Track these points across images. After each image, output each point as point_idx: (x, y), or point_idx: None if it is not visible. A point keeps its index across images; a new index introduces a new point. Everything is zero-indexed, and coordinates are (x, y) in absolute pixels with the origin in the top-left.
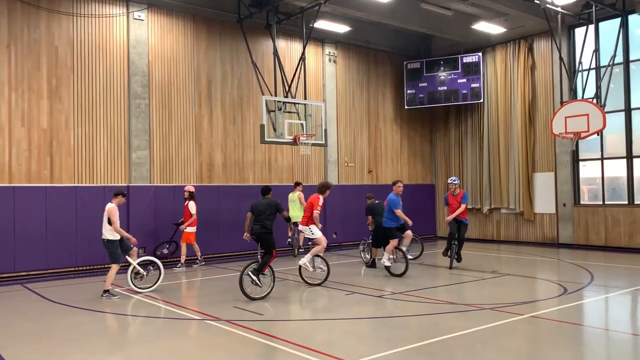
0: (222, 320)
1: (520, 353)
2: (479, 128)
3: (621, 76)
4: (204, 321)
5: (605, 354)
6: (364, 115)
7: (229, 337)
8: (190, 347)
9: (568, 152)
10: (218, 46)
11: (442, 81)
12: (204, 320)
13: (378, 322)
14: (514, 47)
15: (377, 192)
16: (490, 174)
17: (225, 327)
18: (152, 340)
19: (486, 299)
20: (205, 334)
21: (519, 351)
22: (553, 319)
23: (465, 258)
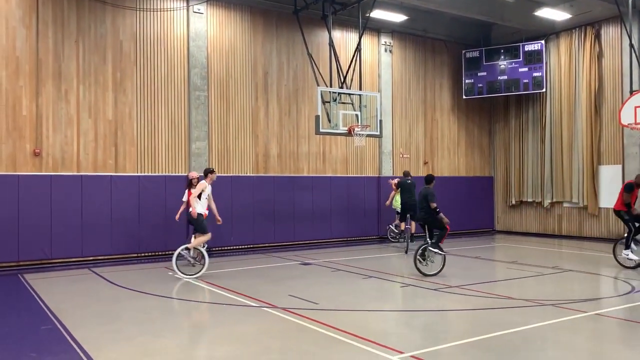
0: (278, 307)
1: (583, 351)
2: (541, 119)
3: None
4: (261, 308)
5: None
6: (420, 105)
7: (286, 324)
8: (249, 332)
9: (637, 143)
10: (274, 38)
11: (502, 70)
12: (262, 307)
13: (434, 315)
14: (579, 34)
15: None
16: (552, 167)
17: (281, 314)
18: (214, 325)
19: (547, 294)
20: (263, 320)
21: (582, 349)
22: (619, 317)
23: (525, 253)
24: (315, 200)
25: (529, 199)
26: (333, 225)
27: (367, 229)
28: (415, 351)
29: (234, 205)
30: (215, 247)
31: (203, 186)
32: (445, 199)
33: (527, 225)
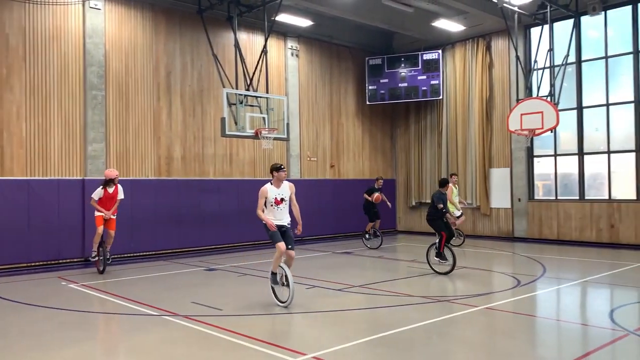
0: (180, 315)
1: (476, 343)
2: (438, 124)
3: (574, 75)
4: (162, 317)
5: (556, 344)
6: (327, 109)
7: (188, 332)
8: (149, 342)
9: (523, 148)
10: (178, 37)
11: (403, 78)
12: (162, 316)
13: (338, 315)
14: (472, 45)
15: (339, 187)
16: (449, 170)
17: (184, 322)
18: (111, 337)
19: (443, 291)
20: (164, 329)
21: (475, 342)
22: (506, 310)
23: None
24: (222, 204)
25: (428, 200)
26: (241, 229)
27: None
28: (318, 352)
29: (134, 209)
30: (114, 255)
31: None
32: (351, 200)
33: (427, 226)
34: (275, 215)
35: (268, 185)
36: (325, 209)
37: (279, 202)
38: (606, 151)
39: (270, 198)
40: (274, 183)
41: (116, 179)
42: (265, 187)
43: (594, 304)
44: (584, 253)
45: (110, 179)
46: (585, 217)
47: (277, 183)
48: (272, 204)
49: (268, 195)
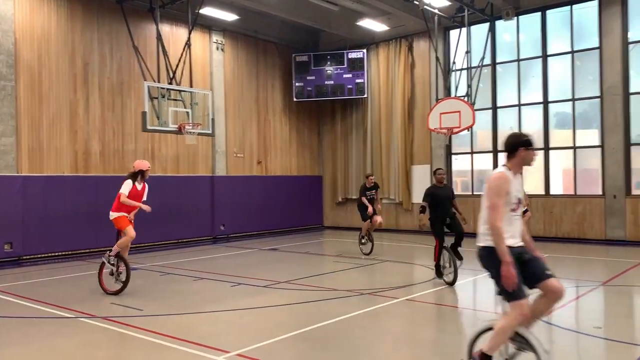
0: (98, 317)
1: (397, 334)
2: (363, 122)
3: (489, 77)
4: (79, 319)
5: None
6: (254, 105)
7: (107, 334)
8: (65, 346)
9: (442, 146)
10: (96, 27)
11: (329, 75)
12: (79, 318)
13: (263, 311)
14: (395, 46)
15: (267, 184)
16: (373, 166)
17: (102, 324)
18: (24, 342)
19: (367, 284)
20: (81, 332)
21: (395, 332)
22: (426, 301)
23: (351, 246)
24: (144, 201)
25: (353, 196)
26: (164, 227)
27: (201, 229)
28: (242, 349)
29: (48, 208)
30: (26, 256)
31: None
32: (278, 197)
33: (352, 221)
34: (513, 231)
35: (506, 171)
36: (252, 205)
37: (517, 207)
38: None
39: (512, 196)
40: (513, 168)
41: (147, 173)
42: (504, 174)
43: None
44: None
45: (142, 172)
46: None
47: (517, 168)
48: (513, 205)
49: (510, 190)
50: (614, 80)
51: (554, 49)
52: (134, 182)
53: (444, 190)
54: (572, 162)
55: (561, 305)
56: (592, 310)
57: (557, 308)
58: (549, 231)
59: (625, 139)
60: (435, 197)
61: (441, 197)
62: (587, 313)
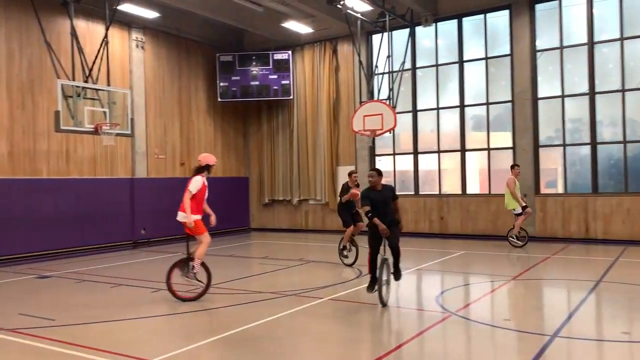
0: (4, 329)
1: (320, 334)
2: (289, 123)
3: (410, 81)
4: None
5: (393, 328)
6: (176, 105)
7: (15, 347)
8: None
9: (366, 147)
10: (3, 21)
11: (255, 76)
12: None
13: (186, 316)
14: (320, 48)
15: None
16: (300, 167)
17: (9, 337)
18: None
19: (292, 285)
20: None
21: (319, 332)
22: (349, 300)
23: (276, 248)
24: (58, 205)
25: (280, 198)
26: (80, 232)
27: (119, 234)
28: (162, 356)
29: None
30: None
31: None
32: None
33: (279, 222)
34: None
35: None
36: (175, 208)
37: None
38: (437, 151)
39: None
40: None
41: (212, 169)
42: None
43: (425, 290)
44: (419, 243)
45: (209, 167)
46: (419, 211)
47: None
48: None
49: None
50: (523, 86)
51: (469, 55)
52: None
53: (380, 193)
54: (487, 163)
55: (475, 299)
56: (503, 304)
57: (471, 303)
58: (466, 229)
59: (534, 141)
60: (372, 202)
61: (377, 201)
62: (498, 307)
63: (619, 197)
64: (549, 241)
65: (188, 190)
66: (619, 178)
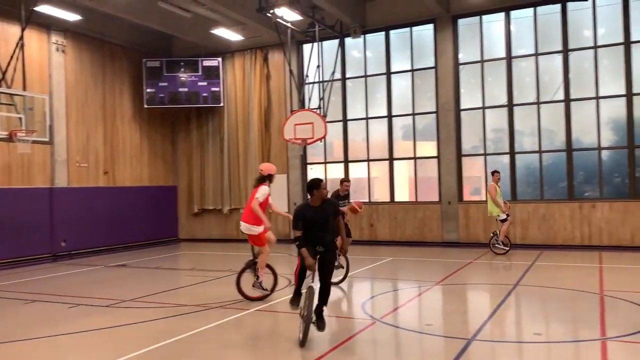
0: None
1: (245, 346)
2: (220, 131)
3: (340, 91)
4: None
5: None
6: (99, 111)
7: None
8: None
9: (298, 156)
10: None
11: (183, 82)
12: None
13: (105, 332)
14: (251, 56)
15: (115, 195)
16: (231, 176)
17: None
18: None
19: (217, 297)
20: None
21: (241, 345)
22: (276, 310)
23: (205, 259)
24: None
25: (211, 207)
26: None
27: (37, 246)
28: None
29: None
30: None
31: None
32: (128, 209)
33: (210, 232)
34: None
35: None
36: (98, 219)
37: None
38: (366, 159)
39: None
40: None
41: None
42: None
43: (352, 297)
44: (350, 251)
45: (271, 176)
46: (351, 219)
47: None
48: None
49: None
50: (447, 97)
51: (397, 66)
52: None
53: (317, 211)
54: (414, 172)
55: (400, 305)
56: (427, 309)
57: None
58: (394, 235)
59: (457, 150)
60: (308, 222)
61: (314, 221)
62: (421, 312)
63: (535, 203)
64: (471, 246)
65: (255, 198)
66: (535, 185)
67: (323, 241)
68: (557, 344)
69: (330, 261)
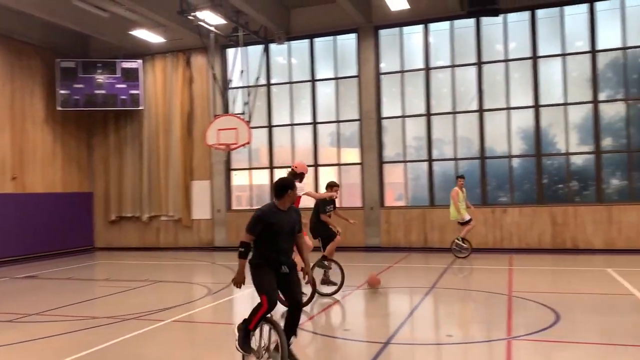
0: None
1: (154, 359)
2: (140, 135)
3: (265, 96)
4: None
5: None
6: (7, 113)
7: None
8: None
9: (222, 161)
10: None
11: (100, 84)
12: None
13: (4, 351)
14: (173, 59)
15: (24, 202)
16: (151, 182)
17: None
18: None
19: (132, 308)
20: None
21: (153, 357)
22: (191, 320)
23: (122, 268)
24: None
25: (129, 214)
26: None
27: None
28: None
29: None
30: None
31: None
32: (39, 217)
33: (128, 240)
34: None
35: None
36: (5, 228)
37: None
38: (291, 166)
39: None
40: None
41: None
42: None
43: None
44: None
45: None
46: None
47: None
48: None
49: None
50: (370, 106)
51: (321, 74)
52: None
53: (287, 216)
54: (338, 178)
55: (319, 311)
56: (345, 314)
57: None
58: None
59: (379, 157)
60: (272, 228)
61: (281, 228)
62: (340, 317)
63: None
64: (392, 250)
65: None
66: None
67: (287, 257)
68: (467, 345)
69: (299, 281)
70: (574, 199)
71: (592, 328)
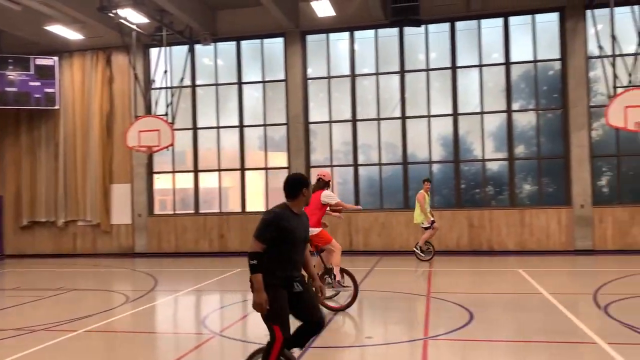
0: None
1: None
2: (55, 135)
3: (190, 98)
4: None
5: (151, 356)
6: None
7: None
8: None
9: (143, 164)
10: None
11: (12, 81)
12: None
13: None
14: (92, 57)
15: None
16: (67, 185)
17: None
18: None
19: (44, 319)
20: None
21: None
22: (106, 330)
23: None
24: None
25: (43, 219)
26: None
27: None
28: None
29: None
30: None
31: None
32: None
33: (41, 247)
34: None
35: None
36: None
37: None
38: (217, 169)
39: None
40: None
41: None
42: None
43: (191, 312)
44: (199, 263)
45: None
46: (199, 229)
47: None
48: None
49: None
50: (297, 110)
51: (248, 77)
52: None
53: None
54: (265, 182)
55: (241, 317)
56: None
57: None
58: (245, 246)
59: (306, 162)
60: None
61: (296, 236)
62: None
63: (376, 213)
64: None
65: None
66: (376, 196)
67: (299, 271)
68: (385, 346)
69: (315, 297)
70: (490, 203)
71: (505, 326)
